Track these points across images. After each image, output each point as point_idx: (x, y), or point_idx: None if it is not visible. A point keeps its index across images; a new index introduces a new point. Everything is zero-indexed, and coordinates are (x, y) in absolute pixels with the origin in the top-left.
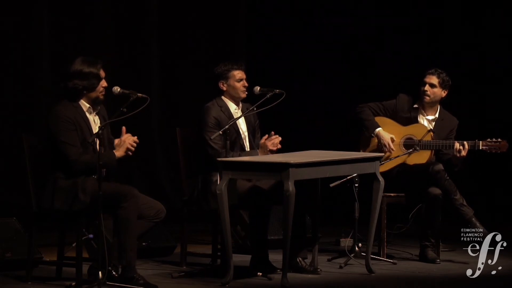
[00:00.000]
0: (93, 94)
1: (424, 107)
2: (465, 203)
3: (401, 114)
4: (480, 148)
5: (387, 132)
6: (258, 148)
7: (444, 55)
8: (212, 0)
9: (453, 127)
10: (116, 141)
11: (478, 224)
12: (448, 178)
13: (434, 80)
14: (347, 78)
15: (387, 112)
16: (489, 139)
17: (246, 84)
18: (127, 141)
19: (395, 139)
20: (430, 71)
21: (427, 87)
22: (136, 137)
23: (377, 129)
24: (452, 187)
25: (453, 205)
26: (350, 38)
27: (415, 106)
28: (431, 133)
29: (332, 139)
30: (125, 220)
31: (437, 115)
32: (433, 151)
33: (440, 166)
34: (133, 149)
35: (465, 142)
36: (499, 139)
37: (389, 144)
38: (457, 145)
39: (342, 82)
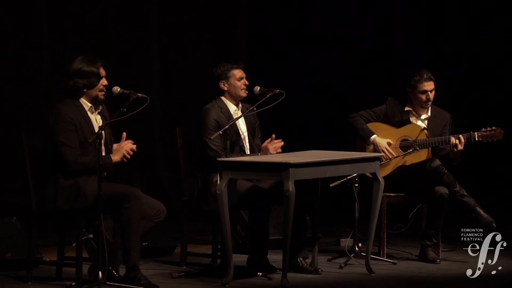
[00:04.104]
0: (93, 92)
1: (417, 109)
2: (465, 193)
3: (393, 118)
4: (476, 139)
5: (382, 136)
6: (258, 149)
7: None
8: (212, 0)
9: (446, 121)
10: (115, 146)
11: (482, 212)
12: (446, 171)
13: (432, 85)
14: (347, 78)
15: (379, 118)
16: (483, 129)
17: (247, 83)
18: (125, 147)
19: (391, 142)
20: (426, 77)
21: (430, 95)
22: (135, 145)
23: (372, 137)
24: (451, 180)
25: (455, 197)
26: (350, 38)
27: (407, 109)
28: (425, 131)
29: (332, 139)
30: (128, 221)
31: (429, 114)
32: (429, 148)
33: (437, 162)
34: (129, 156)
35: (460, 136)
36: (494, 127)
37: (386, 149)
38: (453, 139)
39: (342, 82)
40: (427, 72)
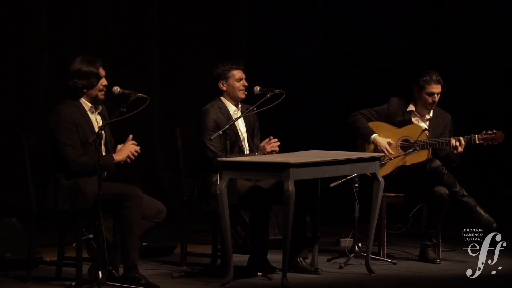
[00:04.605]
0: (93, 93)
1: (421, 109)
2: (465, 193)
3: (395, 118)
4: (477, 142)
5: (383, 136)
6: (257, 150)
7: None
8: (212, 0)
9: (447, 122)
10: (119, 146)
11: (482, 212)
12: (446, 172)
13: (439, 88)
14: (347, 78)
15: (381, 117)
16: (484, 132)
17: (246, 84)
18: (129, 148)
19: (392, 142)
20: (434, 80)
21: (436, 98)
22: (139, 147)
23: (373, 136)
24: (451, 180)
25: (455, 197)
26: (350, 37)
27: (409, 109)
28: (426, 132)
29: (332, 139)
30: (129, 220)
31: (431, 114)
32: (430, 149)
33: (437, 162)
34: (133, 158)
35: (461, 138)
36: (495, 130)
37: (386, 149)
38: (453, 141)
39: (342, 82)
40: (437, 75)
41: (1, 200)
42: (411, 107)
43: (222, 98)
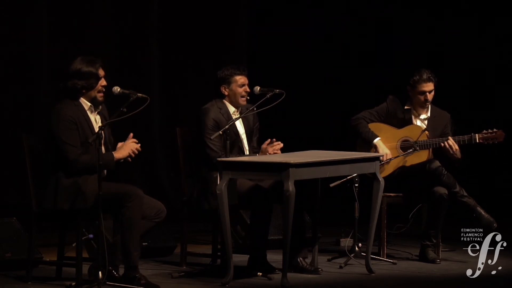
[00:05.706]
0: (92, 93)
1: (417, 108)
2: (465, 193)
3: (394, 116)
4: (477, 141)
5: (384, 137)
6: (254, 150)
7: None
8: (212, 1)
9: (447, 121)
10: (119, 144)
11: (483, 212)
12: (446, 172)
13: (431, 86)
14: (347, 78)
15: (381, 117)
16: (484, 131)
17: (248, 90)
18: (130, 146)
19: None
20: (425, 78)
21: (428, 96)
22: (139, 145)
23: (375, 140)
24: (451, 180)
25: (455, 198)
26: (350, 38)
27: (407, 107)
28: (427, 132)
29: (332, 139)
30: (129, 220)
31: (429, 114)
32: (430, 149)
33: (437, 163)
34: (133, 155)
35: (449, 137)
36: (495, 129)
37: (386, 155)
38: (446, 144)
39: (342, 82)
40: (427, 73)
41: (1, 200)
42: (408, 106)
43: (223, 99)
